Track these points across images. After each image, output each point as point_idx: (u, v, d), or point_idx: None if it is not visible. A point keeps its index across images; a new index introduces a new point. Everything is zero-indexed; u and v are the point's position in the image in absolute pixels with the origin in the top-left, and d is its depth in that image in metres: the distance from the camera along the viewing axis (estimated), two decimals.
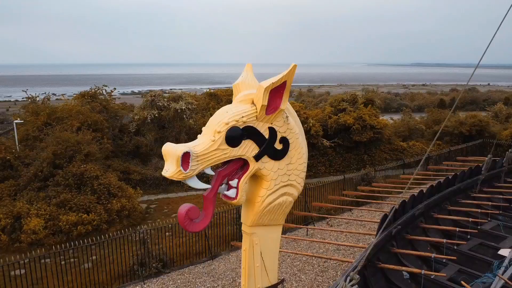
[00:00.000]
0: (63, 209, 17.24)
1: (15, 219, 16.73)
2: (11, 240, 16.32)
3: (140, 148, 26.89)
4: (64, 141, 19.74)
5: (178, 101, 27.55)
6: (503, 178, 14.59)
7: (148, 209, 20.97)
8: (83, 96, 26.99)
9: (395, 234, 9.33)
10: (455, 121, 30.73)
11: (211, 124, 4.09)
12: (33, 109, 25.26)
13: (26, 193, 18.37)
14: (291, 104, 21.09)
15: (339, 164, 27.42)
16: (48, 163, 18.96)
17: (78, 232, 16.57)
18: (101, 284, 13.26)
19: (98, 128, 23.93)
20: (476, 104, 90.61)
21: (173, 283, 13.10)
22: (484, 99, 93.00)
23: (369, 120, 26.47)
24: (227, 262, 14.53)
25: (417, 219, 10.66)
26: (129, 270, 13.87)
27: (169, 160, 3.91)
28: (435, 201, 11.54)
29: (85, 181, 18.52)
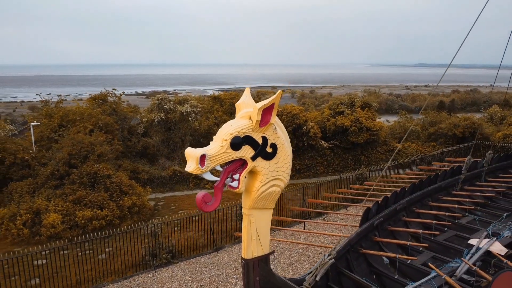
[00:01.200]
0: (79, 206, 18.65)
1: (34, 214, 18.13)
2: (32, 234, 17.72)
3: (148, 149, 28.28)
4: (78, 142, 21.15)
5: (183, 104, 28.89)
6: (484, 178, 15.87)
7: (156, 206, 22.35)
8: (94, 99, 28.38)
9: (377, 225, 10.65)
10: (449, 123, 31.95)
11: (220, 134, 5.43)
12: (46, 112, 26.70)
13: (44, 191, 19.79)
14: (292, 107, 22.56)
15: (337, 165, 28.72)
16: (64, 162, 20.37)
17: (93, 226, 17.95)
18: (116, 272, 14.63)
19: (109, 129, 25.33)
20: (477, 106, 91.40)
21: (181, 272, 14.46)
22: (484, 101, 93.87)
23: (366, 122, 27.76)
24: (231, 254, 15.88)
25: (399, 213, 11.97)
26: (141, 260, 15.25)
27: (190, 160, 5.20)
28: (416, 197, 12.84)
29: (99, 180, 19.93)
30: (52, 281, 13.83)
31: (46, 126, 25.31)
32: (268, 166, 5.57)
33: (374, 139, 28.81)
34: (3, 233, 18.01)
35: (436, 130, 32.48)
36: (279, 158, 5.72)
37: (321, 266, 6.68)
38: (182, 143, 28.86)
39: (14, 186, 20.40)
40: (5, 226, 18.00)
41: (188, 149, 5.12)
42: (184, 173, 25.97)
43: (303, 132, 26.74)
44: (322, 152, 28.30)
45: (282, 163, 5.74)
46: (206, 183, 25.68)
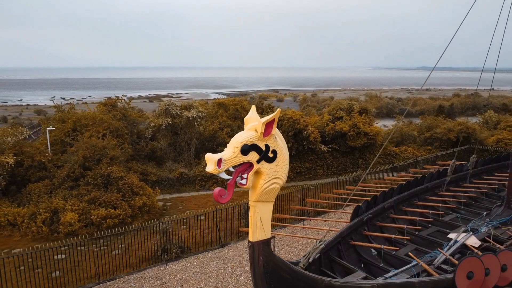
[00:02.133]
0: (94, 205, 20.03)
1: (53, 213, 19.51)
2: (50, 231, 19.08)
3: (155, 152, 29.69)
4: (92, 146, 22.57)
5: (189, 109, 30.29)
6: (469, 179, 17.20)
7: (165, 206, 23.70)
8: (105, 105, 29.81)
9: (366, 220, 11.99)
10: (444, 128, 33.23)
11: (232, 142, 6.76)
12: (60, 117, 28.16)
13: (60, 191, 21.18)
14: (293, 113, 24.06)
15: (336, 167, 30.04)
16: (79, 165, 21.78)
17: (107, 224, 19.31)
18: (131, 266, 15.97)
19: (119, 134, 26.73)
20: (477, 109, 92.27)
21: (190, 265, 15.80)
22: (485, 104, 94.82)
23: (363, 127, 29.08)
24: (235, 249, 17.21)
25: (387, 211, 13.31)
26: (153, 255, 16.59)
27: (209, 162, 6.52)
28: (404, 197, 14.20)
29: (111, 181, 21.31)
30: (72, 273, 15.16)
31: (59, 130, 26.75)
32: (269, 167, 6.89)
33: (371, 143, 30.13)
34: (24, 230, 19.38)
35: (431, 135, 33.77)
36: (279, 161, 7.04)
37: (313, 250, 8.03)
38: (188, 146, 30.25)
39: (32, 187, 21.80)
40: (26, 224, 19.39)
41: (207, 154, 6.44)
42: (190, 175, 27.36)
43: (303, 136, 28.10)
44: (322, 156, 29.64)
45: (281, 165, 7.06)
46: (211, 185, 27.07)
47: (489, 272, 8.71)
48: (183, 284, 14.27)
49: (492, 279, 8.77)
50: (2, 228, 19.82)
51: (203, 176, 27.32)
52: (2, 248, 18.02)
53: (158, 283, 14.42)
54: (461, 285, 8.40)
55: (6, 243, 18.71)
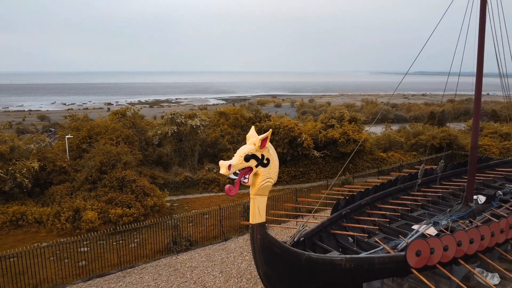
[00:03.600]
0: (111, 205, 22.59)
1: (75, 212, 22.06)
2: (73, 228, 21.62)
3: (162, 158, 32.29)
4: (107, 152, 25.19)
5: (193, 118, 32.94)
6: (439, 181, 19.84)
7: (172, 207, 26.26)
8: (115, 114, 32.43)
9: (344, 214, 14.62)
10: (428, 135, 35.93)
11: (238, 153, 9.28)
12: (75, 126, 30.78)
13: (80, 193, 23.77)
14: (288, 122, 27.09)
15: (328, 171, 32.67)
16: (96, 169, 24.38)
17: (123, 222, 21.85)
18: (146, 256, 18.53)
19: (130, 141, 29.34)
20: (469, 115, 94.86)
21: (198, 255, 18.38)
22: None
23: (352, 135, 31.76)
24: (237, 242, 19.80)
25: (364, 207, 15.95)
26: (165, 247, 19.15)
27: (222, 167, 9.00)
28: (379, 195, 16.84)
29: (126, 184, 23.90)
30: (96, 262, 17.69)
31: (75, 137, 29.34)
32: (264, 170, 9.43)
33: (360, 149, 32.80)
34: (49, 227, 21.92)
35: (416, 141, 36.47)
36: (271, 166, 9.59)
37: (297, 232, 10.66)
38: (192, 152, 32.89)
39: (54, 189, 24.38)
40: (51, 222, 21.94)
41: (221, 162, 8.99)
42: (194, 179, 29.95)
43: (298, 143, 30.77)
44: (315, 161, 32.29)
45: (272, 169, 9.60)
46: (213, 188, 29.64)
47: (433, 251, 11.31)
48: (193, 270, 16.85)
49: (436, 256, 11.36)
50: (30, 226, 22.36)
51: (206, 179, 29.92)
52: (32, 242, 20.53)
53: (172, 270, 17.00)
54: (411, 260, 11.00)
55: (35, 238, 21.22)
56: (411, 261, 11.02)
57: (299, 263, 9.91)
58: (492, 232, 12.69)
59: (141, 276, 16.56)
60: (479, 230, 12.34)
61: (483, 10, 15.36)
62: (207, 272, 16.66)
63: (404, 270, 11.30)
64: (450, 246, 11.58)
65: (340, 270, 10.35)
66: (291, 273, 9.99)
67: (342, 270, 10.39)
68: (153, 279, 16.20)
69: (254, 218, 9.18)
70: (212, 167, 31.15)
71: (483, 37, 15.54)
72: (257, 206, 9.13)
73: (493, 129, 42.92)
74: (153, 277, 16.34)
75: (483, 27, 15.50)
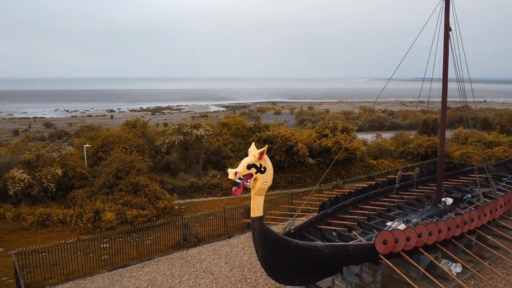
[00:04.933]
0: (127, 207, 25.40)
1: (95, 213, 24.87)
2: (94, 227, 24.42)
3: (169, 164, 35.14)
4: (122, 160, 28.06)
5: (198, 128, 35.83)
6: (415, 185, 22.69)
7: (180, 209, 29.07)
8: (127, 125, 35.35)
9: (330, 213, 17.47)
10: (416, 144, 38.82)
11: (242, 162, 12.03)
12: (90, 136, 33.68)
13: (98, 196, 26.60)
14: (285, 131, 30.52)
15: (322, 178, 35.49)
16: (113, 175, 27.24)
17: (138, 222, 24.66)
18: (160, 251, 21.32)
19: (141, 149, 32.22)
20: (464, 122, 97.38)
21: (206, 250, 21.19)
22: (472, 117, 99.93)
23: (344, 143, 34.63)
24: (239, 240, 22.61)
25: (347, 207, 18.80)
26: (176, 243, 21.95)
27: (230, 173, 11.73)
28: (361, 198, 19.70)
29: (139, 188, 26.73)
30: (117, 256, 20.46)
31: (90, 147, 32.22)
32: (262, 176, 12.18)
33: (352, 157, 35.68)
34: (72, 227, 24.73)
35: (405, 149, 39.35)
36: (267, 173, 12.36)
37: (288, 224, 13.51)
38: (197, 159, 35.76)
39: (75, 193, 27.23)
40: (74, 222, 24.76)
41: (229, 169, 11.76)
42: (199, 184, 32.79)
43: (294, 151, 33.65)
44: (310, 167, 35.15)
45: (268, 175, 12.37)
46: (216, 192, 32.46)
47: (397, 241, 14.13)
48: (202, 262, 19.67)
49: (399, 245, 14.17)
50: (54, 225, 25.17)
51: (210, 184, 32.77)
52: (58, 240, 23.30)
53: (183, 261, 19.82)
54: (378, 247, 13.81)
55: (60, 236, 24.01)
56: (379, 248, 13.86)
57: (289, 248, 12.73)
58: (449, 227, 15.53)
59: (158, 266, 19.37)
60: (437, 225, 15.19)
61: (446, 33, 18.30)
62: (214, 263, 19.48)
63: (374, 256, 14.14)
64: (412, 237, 14.43)
65: (321, 254, 13.18)
66: (283, 256, 12.81)
67: (323, 254, 13.22)
68: (168, 269, 19.02)
69: (254, 213, 12.01)
70: (216, 173, 34.01)
71: (447, 62, 18.51)
72: (256, 204, 11.95)
73: (477, 137, 45.70)
74: (168, 268, 19.16)
75: (446, 51, 18.46)
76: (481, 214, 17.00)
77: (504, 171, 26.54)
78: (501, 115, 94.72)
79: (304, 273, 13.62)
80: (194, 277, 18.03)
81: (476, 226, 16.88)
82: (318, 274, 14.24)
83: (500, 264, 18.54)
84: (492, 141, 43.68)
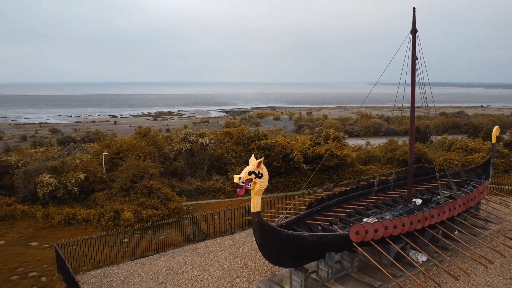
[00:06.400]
0: (142, 207, 29.03)
1: (115, 213, 28.49)
2: (114, 225, 28.03)
3: (177, 170, 38.80)
4: (137, 166, 31.73)
5: (203, 137, 39.52)
6: (392, 188, 26.35)
7: (188, 210, 32.69)
8: (138, 134, 39.05)
9: (316, 210, 21.12)
10: (401, 150, 42.49)
11: (244, 170, 15.49)
12: (106, 144, 37.38)
13: (117, 198, 30.23)
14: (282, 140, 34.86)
15: (316, 182, 39.13)
16: (129, 180, 30.89)
17: (153, 220, 28.28)
18: (173, 245, 24.92)
19: (152, 156, 35.90)
20: (458, 128, 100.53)
21: (212, 243, 24.80)
22: (465, 123, 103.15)
23: (335, 151, 38.30)
24: (241, 235, 26.21)
25: (331, 206, 22.45)
26: (187, 238, 25.55)
27: (235, 178, 15.29)
28: (344, 198, 23.35)
29: (153, 191, 30.37)
30: (136, 249, 24.04)
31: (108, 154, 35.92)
32: (260, 180, 15.70)
33: (343, 163, 39.34)
34: (95, 225, 28.33)
35: (391, 156, 43.02)
36: (264, 178, 15.88)
37: (279, 219, 17.18)
38: (201, 165, 39.42)
39: (96, 195, 30.87)
40: (96, 220, 28.37)
41: (234, 175, 15.34)
42: (204, 187, 36.41)
43: (290, 158, 37.32)
44: (304, 173, 38.78)
45: (265, 180, 15.91)
46: (220, 195, 36.08)
47: (368, 232, 17.74)
48: (209, 253, 23.29)
49: (369, 235, 17.77)
50: (79, 223, 28.75)
51: (214, 188, 36.40)
52: (83, 235, 26.89)
53: (194, 253, 23.44)
54: (352, 237, 17.41)
55: (85, 233, 27.57)
56: (352, 237, 17.50)
57: (281, 237, 16.35)
58: (411, 221, 19.18)
59: (172, 256, 22.99)
60: (401, 220, 18.83)
61: (413, 62, 22.05)
62: (220, 253, 23.10)
63: (349, 244, 17.77)
64: (379, 229, 18.07)
65: (306, 242, 16.81)
66: (276, 243, 16.43)
67: (308, 242, 16.85)
68: (181, 258, 22.65)
69: (253, 209, 15.63)
70: (219, 178, 37.65)
71: (414, 87, 22.23)
72: (255, 201, 15.58)
73: (461, 144, 49.35)
74: (181, 257, 22.79)
75: (413, 77, 22.17)
76: (440, 211, 20.65)
77: (473, 176, 30.16)
78: (493, 121, 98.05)
79: (293, 257, 17.24)
80: (204, 264, 21.67)
81: (436, 222, 20.50)
82: (305, 258, 17.85)
83: (460, 256, 22.10)
84: (474, 148, 47.39)
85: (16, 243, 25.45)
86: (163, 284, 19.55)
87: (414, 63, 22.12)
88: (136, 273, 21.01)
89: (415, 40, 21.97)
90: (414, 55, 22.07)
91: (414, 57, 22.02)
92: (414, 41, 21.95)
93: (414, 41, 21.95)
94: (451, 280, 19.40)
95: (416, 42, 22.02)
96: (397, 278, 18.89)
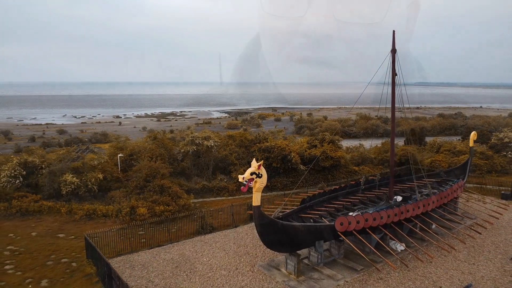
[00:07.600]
0: (155, 204, 32.44)
1: (131, 208, 31.91)
2: (130, 219, 31.44)
3: (184, 170, 42.23)
4: (149, 167, 35.17)
5: (208, 140, 42.93)
6: (378, 187, 29.71)
7: (195, 206, 36.11)
8: (149, 137, 42.49)
9: (308, 206, 24.51)
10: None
11: (248, 171, 18.77)
12: (119, 146, 40.83)
13: (132, 196, 33.65)
14: (281, 143, 38.63)
15: (312, 181, 42.50)
16: (143, 179, 34.33)
17: (165, 215, 31.68)
18: (184, 236, 28.31)
19: (162, 158, 39.33)
20: (455, 129, 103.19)
21: (218, 235, 28.22)
22: (461, 125, 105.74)
23: (330, 153, 41.66)
24: (243, 228, 29.61)
25: (322, 203, 25.84)
26: (196, 231, 28.96)
27: (239, 178, 18.61)
28: (333, 195, 26.74)
29: (164, 189, 33.79)
30: (152, 240, 27.43)
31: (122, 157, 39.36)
32: (260, 180, 18.92)
33: (337, 164, 42.72)
34: (113, 219, 31.77)
35: (383, 157, 46.35)
36: (263, 178, 19.16)
37: (277, 211, 20.59)
38: (207, 166, 42.83)
39: (113, 193, 34.31)
40: (115, 215, 31.81)
41: (239, 175, 18.67)
42: (210, 186, 39.81)
43: (288, 159, 40.71)
44: (301, 173, 42.15)
45: (263, 179, 19.18)
46: (224, 193, 39.48)
47: (350, 223, 21.12)
48: (216, 243, 26.72)
49: (352, 225, 21.13)
50: (98, 218, 32.18)
51: (218, 187, 39.79)
52: (103, 229, 30.29)
53: (202, 243, 26.87)
54: (337, 227, 20.77)
55: (105, 226, 30.97)
56: (337, 227, 20.90)
57: (277, 226, 19.75)
58: (388, 215, 22.57)
59: (184, 246, 26.43)
60: (379, 213, 22.22)
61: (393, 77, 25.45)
62: (225, 243, 26.54)
63: (335, 233, 21.17)
64: (361, 221, 21.47)
65: (299, 231, 20.22)
66: (273, 232, 19.82)
67: (300, 232, 20.25)
68: (192, 247, 26.09)
69: (254, 203, 19.02)
70: (223, 178, 41.04)
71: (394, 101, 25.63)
72: (256, 197, 18.99)
73: (449, 147, 52.59)
74: (192, 246, 26.23)
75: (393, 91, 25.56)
76: (415, 207, 24.05)
77: (453, 176, 33.50)
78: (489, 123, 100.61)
79: (288, 244, 20.64)
80: (212, 252, 25.11)
81: (411, 215, 23.88)
82: (298, 245, 21.23)
83: (434, 246, 25.44)
84: (461, 150, 50.65)
85: (46, 235, 28.92)
86: (178, 268, 23.00)
87: (394, 78, 25.50)
88: (154, 259, 24.43)
89: (394, 58, 25.36)
90: (394, 71, 25.45)
91: (394, 73, 25.41)
92: (394, 59, 25.34)
93: (394, 59, 25.34)
94: (423, 266, 22.78)
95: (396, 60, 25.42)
96: (377, 264, 22.25)
